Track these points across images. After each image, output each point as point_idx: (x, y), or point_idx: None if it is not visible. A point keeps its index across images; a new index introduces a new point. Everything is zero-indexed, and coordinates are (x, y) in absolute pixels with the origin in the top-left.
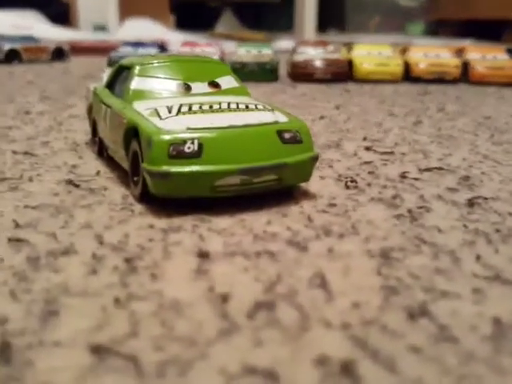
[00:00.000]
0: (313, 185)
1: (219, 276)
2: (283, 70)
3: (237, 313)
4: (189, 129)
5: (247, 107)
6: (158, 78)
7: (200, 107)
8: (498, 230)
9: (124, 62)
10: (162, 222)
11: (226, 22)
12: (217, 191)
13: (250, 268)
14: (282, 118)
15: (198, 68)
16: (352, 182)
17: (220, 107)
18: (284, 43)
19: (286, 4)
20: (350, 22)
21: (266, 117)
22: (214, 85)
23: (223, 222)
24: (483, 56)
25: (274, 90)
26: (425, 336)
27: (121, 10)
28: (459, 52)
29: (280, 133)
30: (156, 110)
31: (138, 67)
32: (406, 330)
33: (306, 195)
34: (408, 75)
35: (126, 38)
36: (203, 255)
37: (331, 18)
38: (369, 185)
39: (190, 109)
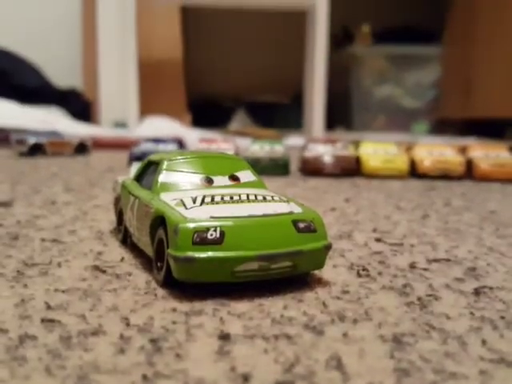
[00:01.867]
0: (326, 273)
1: (240, 357)
2: (294, 166)
3: None
4: (212, 217)
5: (264, 198)
6: (183, 172)
7: (222, 198)
8: (502, 317)
9: (153, 157)
10: (184, 306)
11: (240, 120)
12: (236, 276)
13: (269, 350)
14: (297, 209)
15: (220, 163)
16: (364, 270)
17: (240, 198)
18: (294, 140)
19: (296, 104)
20: (356, 121)
21: (282, 207)
22: (234, 178)
23: (242, 306)
24: (486, 154)
25: (287, 183)
26: None
27: (140, 108)
28: (463, 150)
29: (295, 222)
30: (182, 200)
31: (166, 162)
32: None
33: (320, 282)
34: (414, 172)
35: (144, 134)
36: (224, 337)
37: (339, 117)
38: (380, 274)
39: (212, 200)
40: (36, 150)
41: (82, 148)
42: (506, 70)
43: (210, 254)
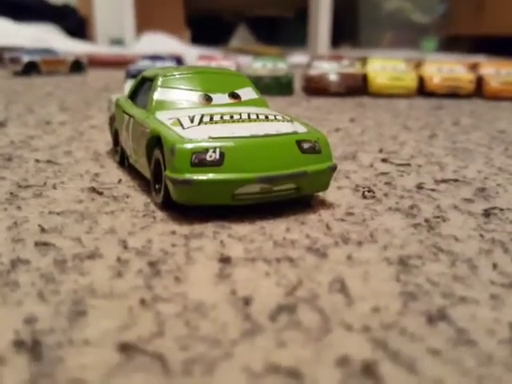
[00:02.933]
0: (330, 195)
1: (241, 280)
2: (298, 85)
3: (259, 315)
4: (211, 138)
5: (267, 118)
6: (180, 89)
7: (221, 117)
8: None
9: (147, 73)
10: (183, 229)
11: (241, 36)
12: (237, 199)
13: (271, 273)
14: (301, 129)
15: (219, 80)
16: (369, 191)
17: (240, 117)
18: (298, 58)
19: (300, 19)
20: (363, 37)
21: (286, 127)
22: (234, 96)
23: (243, 229)
24: (497, 71)
25: (289, 103)
26: (444, 339)
27: (137, 24)
28: (473, 67)
29: (299, 143)
30: (178, 119)
31: (160, 78)
32: (425, 333)
33: (324, 204)
34: (422, 90)
35: (142, 51)
36: (225, 260)
37: (344, 33)
38: (386, 195)
39: (211, 119)
40: (30, 68)
41: (77, 66)
42: None
43: (209, 176)
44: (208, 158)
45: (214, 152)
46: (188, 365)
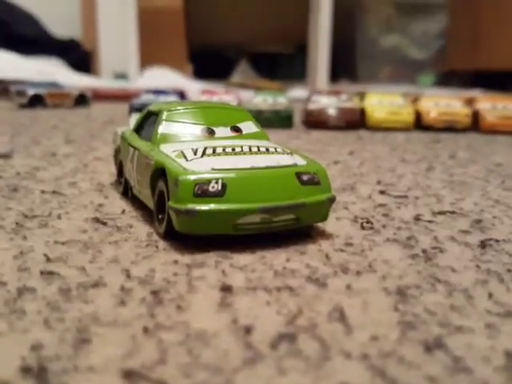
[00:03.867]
0: (330, 225)
1: (242, 309)
2: (298, 118)
3: (260, 343)
4: (213, 169)
5: (267, 150)
6: (184, 122)
7: (223, 150)
8: (509, 270)
9: (152, 107)
10: (185, 258)
11: (242, 71)
12: (238, 229)
13: (272, 302)
14: (301, 161)
15: (221, 114)
16: (368, 223)
17: (242, 150)
18: (298, 92)
19: (300, 55)
20: (361, 72)
21: (286, 159)
22: (236, 129)
23: (244, 258)
24: (493, 105)
25: (290, 136)
26: (441, 367)
27: (141, 59)
28: (470, 102)
29: (299, 175)
30: (182, 152)
31: (165, 112)
32: (422, 361)
33: (324, 235)
34: (419, 124)
35: (145, 85)
36: (226, 289)
37: (343, 68)
38: (384, 226)
39: (213, 151)
40: (36, 101)
41: (82, 100)
42: None
43: (211, 206)
44: (210, 189)
45: (217, 183)
46: None
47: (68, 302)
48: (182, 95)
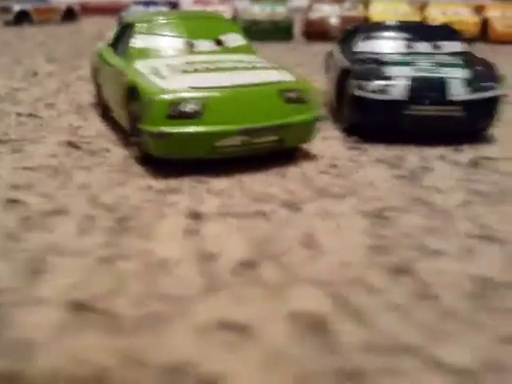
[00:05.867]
0: (316, 146)
1: (210, 236)
2: (298, 29)
3: (222, 271)
4: (191, 88)
5: (252, 66)
6: (161, 35)
7: (203, 65)
8: (500, 190)
9: (129, 18)
10: (160, 184)
11: None
12: (217, 152)
13: (242, 228)
14: (287, 78)
15: (203, 25)
16: (355, 142)
17: (224, 66)
18: (299, 1)
19: None
20: None
21: (271, 76)
22: (220, 42)
23: (222, 183)
24: (503, 14)
25: (287, 48)
26: (406, 294)
27: None
28: (479, 9)
29: (283, 92)
30: (157, 68)
31: (139, 24)
32: (387, 287)
33: (308, 156)
34: None
35: None
36: (196, 216)
37: None
38: (373, 145)
39: (192, 67)
40: (22, 17)
41: (70, 14)
42: None
43: (187, 128)
44: (187, 110)
45: (194, 103)
46: (140, 322)
47: (27, 231)
48: (174, 6)
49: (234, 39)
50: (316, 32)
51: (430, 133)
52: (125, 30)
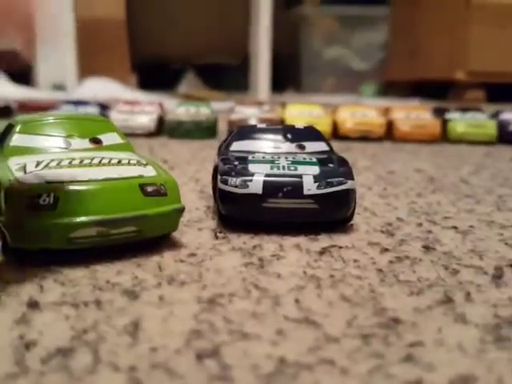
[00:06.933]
0: (186, 235)
1: (38, 325)
2: (224, 129)
3: (33, 359)
4: (47, 182)
5: (119, 162)
6: (39, 134)
7: (70, 162)
8: (331, 276)
9: (13, 119)
10: (11, 275)
11: (189, 82)
12: (73, 243)
13: (72, 317)
14: (150, 173)
15: (81, 125)
16: (220, 232)
17: (91, 162)
18: (224, 104)
19: (246, 66)
20: (305, 82)
21: (133, 171)
22: (96, 141)
23: (74, 272)
24: (407, 115)
25: (205, 146)
26: (205, 376)
27: (81, 69)
28: (385, 111)
29: (142, 186)
30: (25, 165)
31: (19, 124)
32: (189, 371)
33: (173, 245)
34: (336, 134)
35: (84, 96)
36: (33, 305)
37: (289, 79)
38: (239, 235)
39: (58, 164)
40: None
41: (6, 111)
42: (449, 32)
43: (41, 220)
44: (41, 202)
45: (48, 196)
46: None
47: None
48: (104, 107)
49: (112, 138)
50: None
51: (288, 223)
52: (9, 129)
